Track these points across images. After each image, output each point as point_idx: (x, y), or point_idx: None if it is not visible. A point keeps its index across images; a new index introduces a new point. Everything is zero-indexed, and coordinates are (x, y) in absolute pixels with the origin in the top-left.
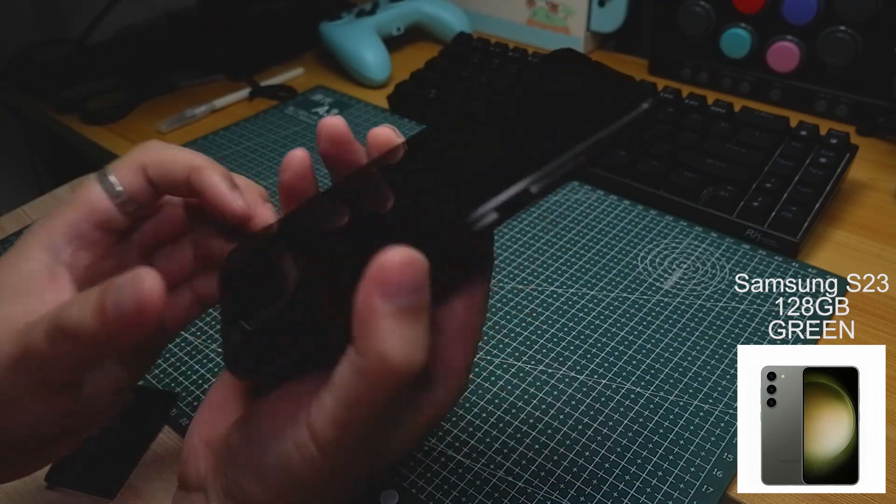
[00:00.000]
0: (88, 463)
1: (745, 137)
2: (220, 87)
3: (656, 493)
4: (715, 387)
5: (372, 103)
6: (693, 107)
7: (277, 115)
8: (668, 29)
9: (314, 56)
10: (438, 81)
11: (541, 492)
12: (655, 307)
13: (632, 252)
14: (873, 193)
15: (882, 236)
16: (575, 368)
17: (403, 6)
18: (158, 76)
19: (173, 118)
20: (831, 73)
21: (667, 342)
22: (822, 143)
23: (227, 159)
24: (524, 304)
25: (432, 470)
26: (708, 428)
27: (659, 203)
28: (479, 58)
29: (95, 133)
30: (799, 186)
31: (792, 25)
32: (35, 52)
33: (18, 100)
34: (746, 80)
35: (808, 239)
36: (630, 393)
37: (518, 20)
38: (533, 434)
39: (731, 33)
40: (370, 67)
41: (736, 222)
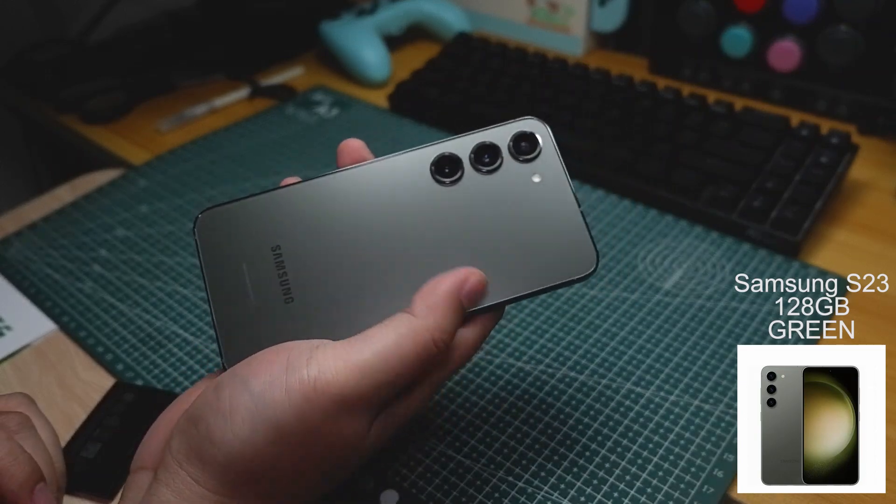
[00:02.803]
0: (87, 464)
1: (745, 137)
2: (220, 86)
3: (656, 493)
4: (715, 387)
5: (372, 103)
6: (693, 106)
7: (277, 115)
8: (669, 28)
9: (314, 56)
10: (438, 81)
11: (541, 492)
12: (655, 307)
13: (632, 252)
14: (874, 193)
15: (882, 236)
16: (575, 368)
17: (403, 6)
18: (158, 76)
19: (173, 118)
20: (832, 73)
21: (667, 342)
22: (822, 143)
23: (227, 159)
24: (524, 304)
25: (432, 470)
26: (708, 428)
27: (659, 203)
28: (479, 58)
29: (95, 133)
30: (799, 186)
31: (793, 25)
32: (35, 52)
33: (18, 99)
34: (747, 79)
35: (809, 239)
36: (630, 393)
37: (518, 20)
38: (533, 434)
39: (732, 33)
40: (370, 67)
41: (736, 222)
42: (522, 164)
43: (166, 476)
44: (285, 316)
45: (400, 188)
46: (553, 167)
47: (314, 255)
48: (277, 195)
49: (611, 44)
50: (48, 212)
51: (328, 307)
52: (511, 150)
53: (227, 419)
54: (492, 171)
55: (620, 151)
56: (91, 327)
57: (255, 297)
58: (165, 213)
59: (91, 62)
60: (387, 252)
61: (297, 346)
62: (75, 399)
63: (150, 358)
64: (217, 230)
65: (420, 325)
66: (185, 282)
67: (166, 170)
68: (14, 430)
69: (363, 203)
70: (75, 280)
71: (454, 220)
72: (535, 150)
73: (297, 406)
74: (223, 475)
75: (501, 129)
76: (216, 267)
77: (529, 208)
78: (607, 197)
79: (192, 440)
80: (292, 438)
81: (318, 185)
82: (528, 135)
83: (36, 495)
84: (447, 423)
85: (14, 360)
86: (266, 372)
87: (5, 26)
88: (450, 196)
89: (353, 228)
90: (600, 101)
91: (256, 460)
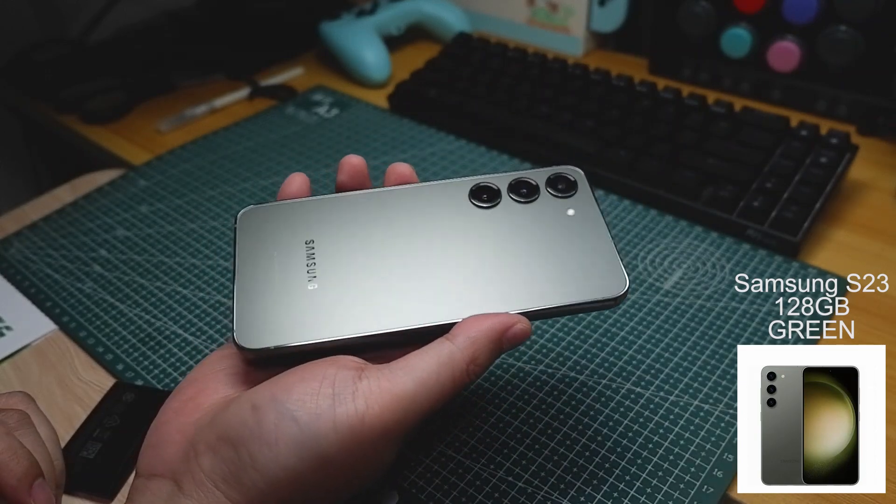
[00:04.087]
0: (87, 464)
1: (745, 137)
2: (220, 86)
3: (656, 493)
4: (715, 387)
5: (372, 103)
6: (693, 106)
7: (277, 115)
8: (669, 28)
9: (314, 56)
10: (438, 81)
11: (541, 492)
12: (655, 307)
13: (632, 252)
14: (874, 193)
15: (882, 236)
16: (575, 368)
17: (403, 6)
18: (158, 76)
19: (173, 118)
20: (832, 73)
21: (667, 342)
22: (822, 143)
23: (227, 159)
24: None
25: (432, 470)
26: (708, 428)
27: (659, 203)
28: (479, 58)
29: (95, 133)
30: (799, 186)
31: (792, 25)
32: (35, 52)
33: (18, 99)
34: (747, 79)
35: (809, 239)
36: (630, 393)
37: (518, 20)
38: (533, 434)
39: (732, 33)
40: (370, 67)
41: (736, 222)
42: (558, 199)
43: (196, 492)
44: (306, 297)
45: (437, 207)
46: (587, 203)
47: (345, 251)
48: (318, 200)
49: (611, 44)
50: (48, 212)
51: (349, 297)
52: (548, 187)
53: (272, 448)
54: (528, 202)
55: (620, 151)
56: (91, 327)
57: (279, 278)
58: (165, 213)
59: (91, 62)
60: (415, 259)
61: (340, 373)
62: (75, 399)
63: (150, 358)
64: (256, 224)
65: (459, 356)
66: (185, 282)
67: (166, 170)
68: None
69: (400, 216)
70: (75, 280)
71: (486, 238)
72: (572, 190)
73: (345, 439)
74: (262, 499)
75: (540, 170)
76: (249, 252)
77: (563, 235)
78: (607, 197)
79: (230, 464)
80: (335, 467)
81: (358, 196)
82: (566, 177)
83: (34, 490)
84: (447, 423)
85: (14, 360)
86: (312, 402)
87: (5, 26)
88: (485, 217)
89: (386, 235)
90: (600, 102)
91: (297, 485)
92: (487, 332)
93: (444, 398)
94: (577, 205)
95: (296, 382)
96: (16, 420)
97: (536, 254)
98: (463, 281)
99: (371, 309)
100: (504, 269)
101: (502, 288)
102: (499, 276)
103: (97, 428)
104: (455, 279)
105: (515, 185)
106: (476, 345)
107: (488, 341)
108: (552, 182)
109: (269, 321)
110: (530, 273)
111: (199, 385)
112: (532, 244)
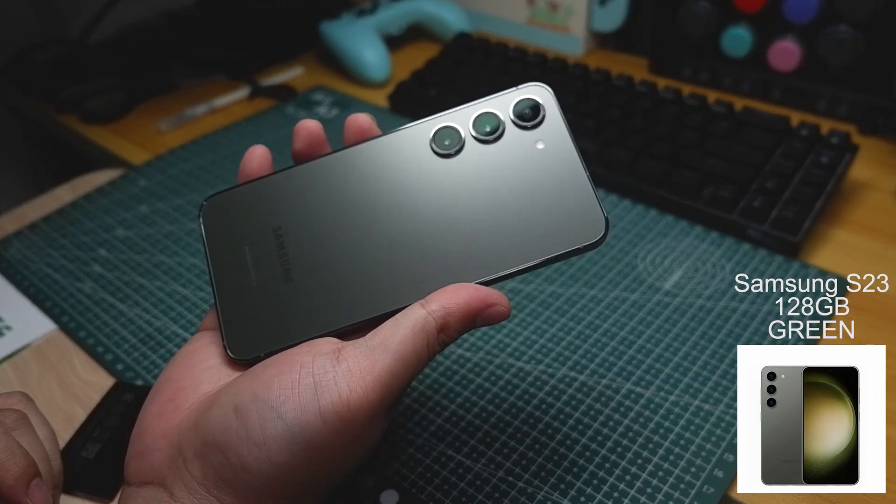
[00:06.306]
0: (87, 464)
1: (745, 137)
2: (220, 86)
3: (656, 493)
4: (715, 387)
5: (372, 103)
6: (693, 106)
7: (277, 115)
8: (669, 28)
9: (314, 56)
10: (438, 81)
11: (541, 492)
12: (655, 307)
13: (632, 252)
14: (874, 193)
15: (882, 236)
16: (575, 368)
17: (403, 6)
18: (158, 76)
19: (173, 118)
20: (832, 73)
21: (667, 342)
22: (822, 143)
23: (227, 159)
24: (524, 304)
25: (432, 470)
26: (708, 428)
27: (659, 202)
28: (479, 57)
29: (95, 132)
30: (799, 186)
31: (793, 25)
32: (35, 52)
33: (18, 99)
34: (747, 79)
35: (809, 239)
36: (630, 393)
37: (518, 20)
38: (533, 434)
39: (732, 32)
40: (370, 67)
41: (736, 222)
42: (525, 132)
43: (189, 498)
44: (285, 296)
45: (399, 164)
46: (558, 133)
47: (314, 234)
48: (279, 178)
49: (611, 44)
50: (48, 212)
51: (327, 286)
52: (513, 118)
53: (262, 448)
54: (494, 141)
55: (620, 151)
56: (91, 327)
57: (256, 279)
58: (165, 213)
59: (91, 62)
60: (387, 229)
61: (317, 360)
62: (75, 399)
63: (150, 358)
64: (221, 216)
65: (433, 324)
66: (185, 282)
67: (166, 170)
68: (11, 427)
69: (363, 181)
70: (75, 280)
71: (456, 193)
72: (538, 116)
73: (333, 426)
74: (258, 498)
75: (503, 97)
76: (220, 252)
77: (534, 176)
78: (607, 196)
79: (222, 469)
80: (328, 454)
81: (317, 166)
82: (531, 101)
83: (32, 490)
84: (447, 423)
85: (14, 360)
86: (294, 395)
87: (5, 26)
88: (450, 169)
89: (353, 207)
90: (600, 101)
91: (291, 478)
92: (463, 305)
93: (422, 366)
94: (547, 135)
95: (274, 376)
96: (13, 420)
97: (508, 206)
98: (438, 248)
99: (350, 296)
100: (477, 230)
101: (477, 252)
102: (473, 238)
103: (97, 428)
104: (429, 247)
105: (478, 123)
106: (449, 316)
107: (462, 315)
108: (518, 111)
109: (255, 329)
110: (504, 230)
111: (176, 384)
112: (502, 194)
